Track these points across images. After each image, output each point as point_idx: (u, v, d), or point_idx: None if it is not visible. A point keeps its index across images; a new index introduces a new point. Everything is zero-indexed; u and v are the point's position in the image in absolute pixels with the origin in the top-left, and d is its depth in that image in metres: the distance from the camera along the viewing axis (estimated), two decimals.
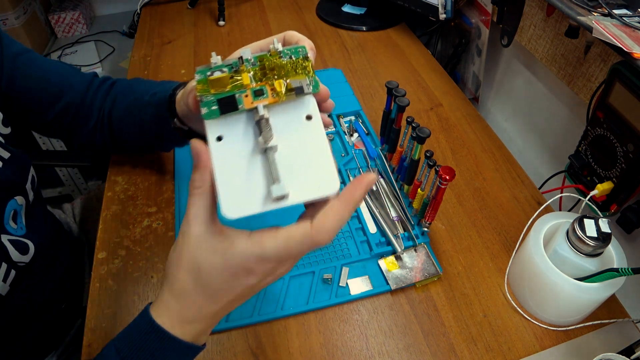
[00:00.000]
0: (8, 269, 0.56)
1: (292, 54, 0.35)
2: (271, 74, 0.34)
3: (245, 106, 0.33)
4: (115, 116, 0.63)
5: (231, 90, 0.33)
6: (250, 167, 0.33)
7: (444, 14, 0.91)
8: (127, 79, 0.67)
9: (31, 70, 0.59)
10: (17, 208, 0.58)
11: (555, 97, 0.77)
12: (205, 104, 0.33)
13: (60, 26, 1.51)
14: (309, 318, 0.54)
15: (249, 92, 0.33)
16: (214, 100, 0.33)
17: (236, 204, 0.32)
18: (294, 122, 0.34)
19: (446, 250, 0.61)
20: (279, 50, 0.35)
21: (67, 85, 0.62)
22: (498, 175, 0.72)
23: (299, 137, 0.34)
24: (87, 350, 0.52)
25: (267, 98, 0.33)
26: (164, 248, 0.61)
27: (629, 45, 0.47)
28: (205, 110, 0.33)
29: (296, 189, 0.32)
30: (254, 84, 0.34)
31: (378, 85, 0.90)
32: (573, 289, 0.48)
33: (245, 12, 1.16)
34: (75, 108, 0.62)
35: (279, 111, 0.34)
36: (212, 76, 0.33)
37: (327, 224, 0.31)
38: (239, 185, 0.33)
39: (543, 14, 0.71)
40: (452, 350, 0.51)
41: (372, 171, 0.69)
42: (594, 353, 0.45)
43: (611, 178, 0.57)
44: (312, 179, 0.33)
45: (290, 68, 0.34)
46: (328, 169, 0.33)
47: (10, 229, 0.57)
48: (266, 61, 0.34)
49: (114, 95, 0.64)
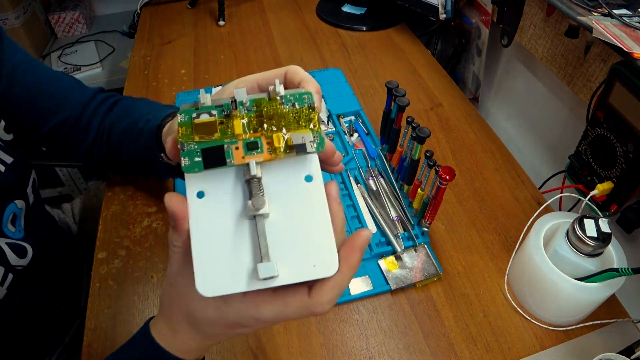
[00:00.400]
0: (5, 273, 0.56)
1: (296, 101, 0.29)
2: (269, 123, 0.28)
3: (235, 162, 0.27)
4: (113, 138, 0.61)
5: (219, 140, 0.28)
6: (234, 235, 0.28)
7: (444, 14, 0.91)
8: (132, 97, 0.65)
9: (30, 83, 0.57)
10: (16, 211, 0.58)
11: (555, 97, 0.77)
12: (187, 153, 0.27)
13: (60, 26, 1.51)
14: (309, 318, 0.54)
15: (241, 144, 0.28)
16: (198, 150, 0.27)
17: (214, 280, 0.27)
18: (291, 183, 0.29)
19: (446, 250, 0.61)
20: (281, 95, 0.29)
21: (65, 100, 0.60)
22: (498, 175, 0.72)
23: (294, 202, 0.28)
24: (87, 351, 0.52)
25: (262, 154, 0.28)
26: (164, 248, 0.61)
27: (629, 45, 0.47)
28: (187, 161, 0.27)
29: (287, 267, 0.27)
30: (247, 134, 0.28)
31: (378, 85, 0.90)
32: (573, 289, 0.48)
33: (245, 12, 1.16)
34: (71, 124, 0.60)
35: (274, 168, 0.29)
36: (198, 119, 0.28)
37: (325, 296, 0.28)
38: (218, 257, 0.27)
39: (543, 14, 0.71)
40: (452, 350, 0.51)
41: (374, 171, 0.68)
42: (594, 353, 0.45)
43: (611, 178, 0.57)
44: (306, 256, 0.28)
45: (292, 119, 0.29)
46: (326, 245, 0.28)
47: (9, 232, 0.57)
48: (264, 107, 0.29)
49: (114, 116, 0.61)
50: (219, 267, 0.27)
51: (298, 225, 0.28)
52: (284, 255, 0.27)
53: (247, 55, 1.00)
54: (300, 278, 0.27)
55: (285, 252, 0.28)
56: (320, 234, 0.28)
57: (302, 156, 0.29)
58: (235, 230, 0.28)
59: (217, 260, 0.27)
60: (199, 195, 0.28)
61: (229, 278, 0.27)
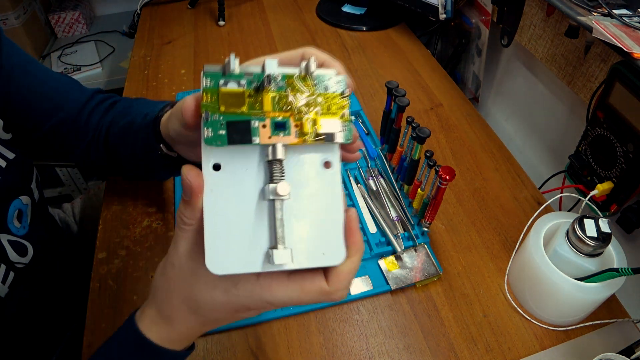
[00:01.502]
0: (7, 271, 0.56)
1: (329, 85, 0.28)
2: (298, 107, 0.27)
3: (261, 141, 0.26)
4: (111, 138, 0.59)
5: (247, 115, 0.26)
6: (250, 214, 0.27)
7: (444, 14, 0.91)
8: (130, 98, 0.64)
9: (28, 84, 0.57)
10: (22, 207, 0.58)
11: (555, 97, 0.77)
12: (211, 124, 0.25)
13: (60, 26, 1.51)
14: (309, 318, 0.54)
15: (268, 123, 0.26)
16: (223, 123, 0.25)
17: (226, 259, 0.26)
18: (310, 168, 0.28)
19: (446, 250, 0.61)
20: (314, 75, 0.28)
21: (63, 101, 0.59)
22: (498, 175, 0.72)
23: (311, 187, 0.28)
24: (87, 351, 0.52)
25: (290, 137, 0.26)
26: (164, 248, 0.61)
27: (629, 45, 0.47)
28: (209, 133, 0.25)
29: (297, 253, 0.27)
30: (276, 112, 0.26)
31: (378, 85, 0.90)
32: (573, 289, 0.48)
33: (245, 12, 1.16)
34: (69, 125, 0.60)
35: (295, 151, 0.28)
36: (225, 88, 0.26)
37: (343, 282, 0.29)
38: (231, 234, 0.26)
39: (543, 14, 0.71)
40: (452, 350, 0.51)
41: (374, 171, 0.68)
42: (594, 353, 0.45)
43: (611, 178, 0.57)
44: (318, 243, 0.27)
45: (324, 104, 0.28)
46: (336, 234, 0.28)
47: (13, 229, 0.57)
48: (296, 84, 0.27)
49: (112, 116, 0.60)
50: (231, 245, 0.26)
51: (312, 212, 0.28)
52: (296, 240, 0.27)
53: (247, 55, 0.99)
54: (309, 264, 0.27)
55: (298, 237, 0.27)
56: (332, 223, 0.28)
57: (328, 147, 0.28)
58: (252, 209, 0.27)
59: (230, 237, 0.26)
60: (215, 167, 0.27)
61: (242, 257, 0.26)
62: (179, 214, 0.29)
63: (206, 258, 0.26)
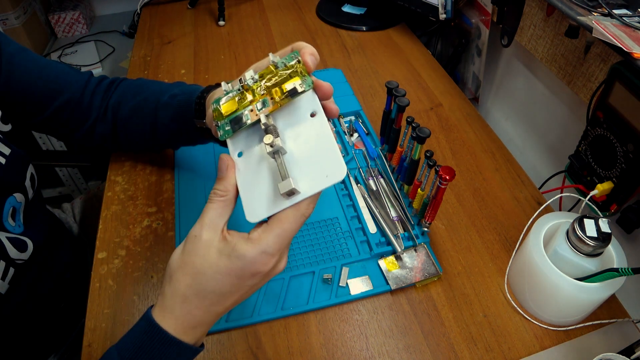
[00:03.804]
0: (6, 267, 0.56)
1: (286, 61, 0.37)
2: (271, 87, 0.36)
3: (251, 120, 0.36)
4: (121, 116, 0.63)
5: (239, 110, 0.37)
6: (265, 175, 0.36)
7: (444, 14, 0.91)
8: (128, 78, 0.67)
9: (29, 68, 0.59)
10: (16, 205, 0.58)
11: (555, 97, 0.77)
12: (220, 127, 0.38)
13: (60, 26, 1.51)
14: (309, 318, 0.54)
15: (254, 107, 0.36)
16: (227, 122, 0.37)
17: (256, 210, 0.35)
18: (300, 121, 0.36)
19: (446, 250, 0.61)
20: (275, 62, 0.37)
21: (65, 82, 0.61)
22: (498, 175, 0.72)
23: (306, 133, 0.36)
24: (87, 351, 0.52)
25: (268, 107, 0.36)
26: (164, 248, 0.61)
27: (629, 45, 0.47)
28: (221, 132, 0.37)
29: (306, 182, 0.34)
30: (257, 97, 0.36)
31: (378, 85, 0.90)
32: (573, 289, 0.48)
33: (245, 12, 1.16)
34: (73, 106, 0.62)
35: (286, 116, 0.36)
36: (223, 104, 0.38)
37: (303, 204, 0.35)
38: (256, 193, 0.35)
39: (543, 14, 0.71)
40: (452, 350, 0.51)
41: (374, 171, 0.69)
42: (594, 353, 0.45)
43: (611, 178, 0.57)
44: (320, 169, 0.34)
45: (286, 75, 0.36)
46: (334, 157, 0.34)
47: (9, 227, 0.57)
48: (266, 75, 0.36)
49: (118, 94, 0.64)
50: (259, 200, 0.35)
51: (310, 149, 0.35)
52: (302, 174, 0.34)
53: (247, 55, 1.00)
54: (318, 188, 0.34)
55: (303, 172, 0.34)
56: (327, 151, 0.34)
57: (305, 99, 0.36)
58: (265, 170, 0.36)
59: (258, 195, 0.35)
60: (239, 155, 0.38)
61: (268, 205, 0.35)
62: (213, 190, 0.36)
63: (245, 213, 0.35)
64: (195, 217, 0.65)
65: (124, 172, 0.72)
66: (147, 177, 0.71)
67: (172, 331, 0.35)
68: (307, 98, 0.36)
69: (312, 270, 0.58)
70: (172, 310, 0.36)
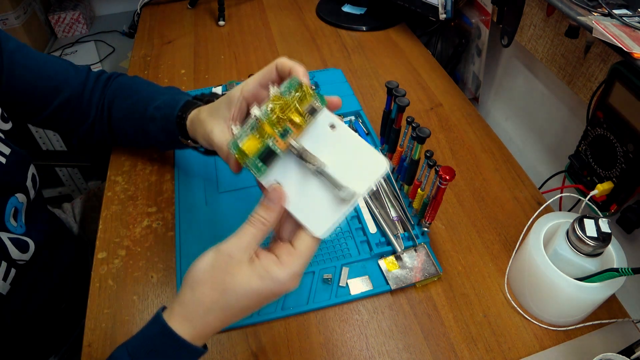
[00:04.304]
0: (8, 268, 0.56)
1: (290, 88, 0.38)
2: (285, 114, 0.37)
3: (282, 148, 0.37)
4: (115, 116, 0.64)
5: (264, 145, 0.37)
6: (314, 190, 0.38)
7: (444, 14, 0.91)
8: (123, 74, 0.68)
9: (30, 66, 0.59)
10: (17, 206, 0.58)
11: (555, 97, 0.77)
12: (252, 166, 0.37)
13: (60, 26, 1.51)
14: (309, 318, 0.54)
15: (277, 137, 0.37)
16: (257, 159, 0.37)
17: (321, 224, 0.37)
18: (324, 136, 0.38)
19: (446, 250, 0.61)
20: (281, 92, 0.38)
21: (64, 80, 0.62)
22: (498, 175, 0.72)
23: (334, 144, 0.38)
24: (87, 350, 0.52)
25: (293, 133, 0.37)
26: (164, 248, 0.61)
27: (629, 45, 0.47)
28: (255, 171, 0.38)
29: (357, 183, 0.36)
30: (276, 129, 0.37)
31: (378, 85, 0.90)
32: (573, 289, 0.48)
33: (245, 12, 1.16)
34: (74, 103, 0.62)
35: (309, 136, 0.38)
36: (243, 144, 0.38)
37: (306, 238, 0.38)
38: (313, 210, 0.37)
39: (543, 14, 0.71)
40: (452, 350, 0.51)
41: None
42: (594, 353, 0.45)
43: (611, 178, 0.57)
44: (363, 168, 0.37)
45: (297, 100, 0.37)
46: (370, 153, 0.37)
47: (11, 227, 0.57)
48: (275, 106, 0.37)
49: (112, 92, 0.64)
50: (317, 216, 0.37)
51: (346, 156, 0.37)
52: (349, 178, 0.36)
53: (247, 55, 1.00)
54: (369, 184, 0.36)
55: (349, 176, 0.37)
56: (362, 151, 0.37)
57: (321, 116, 0.38)
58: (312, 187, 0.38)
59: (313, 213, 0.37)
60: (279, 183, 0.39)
61: (328, 216, 0.37)
62: (258, 216, 0.37)
63: (312, 232, 0.37)
64: (195, 217, 0.65)
65: (124, 172, 0.72)
66: (147, 177, 0.71)
67: (187, 337, 0.36)
68: (323, 115, 0.38)
69: (312, 270, 0.58)
70: (192, 320, 0.36)
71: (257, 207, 0.38)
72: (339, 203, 0.37)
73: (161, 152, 0.75)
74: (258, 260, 0.36)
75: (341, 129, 0.38)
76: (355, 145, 0.37)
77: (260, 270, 0.36)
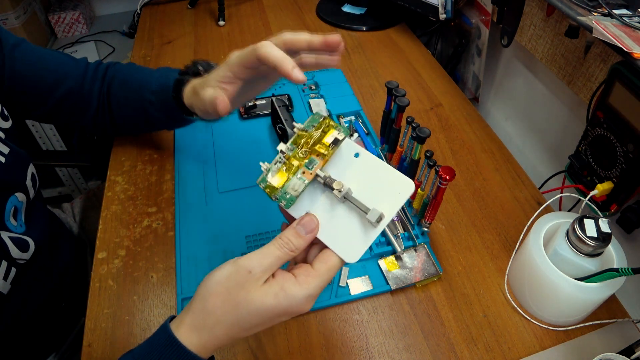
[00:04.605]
0: (8, 267, 0.56)
1: (313, 122, 0.40)
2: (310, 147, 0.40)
3: (308, 179, 0.39)
4: (114, 103, 0.65)
5: (291, 177, 0.39)
6: (342, 217, 0.39)
7: (444, 14, 0.91)
8: (119, 62, 0.69)
9: (29, 60, 0.60)
10: (17, 205, 0.58)
11: (555, 97, 0.77)
12: (281, 198, 0.39)
13: (60, 26, 1.51)
14: (309, 318, 0.54)
15: (304, 168, 0.39)
16: (285, 191, 0.39)
17: (353, 250, 0.38)
18: (349, 164, 0.40)
19: (446, 250, 0.61)
20: (304, 128, 0.40)
21: (65, 72, 0.63)
22: (498, 175, 0.72)
23: (360, 171, 0.39)
24: (87, 351, 0.52)
25: (318, 163, 0.39)
26: (164, 248, 0.61)
27: (629, 45, 0.47)
28: (284, 202, 0.39)
29: (385, 206, 0.37)
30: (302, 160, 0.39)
31: (378, 85, 0.90)
32: (573, 289, 0.48)
33: (245, 12, 1.16)
34: (75, 94, 0.63)
35: (333, 165, 0.40)
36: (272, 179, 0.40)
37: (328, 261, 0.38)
38: (343, 236, 0.38)
39: (543, 14, 0.71)
40: (452, 350, 0.51)
41: None
42: (594, 353, 0.45)
43: (611, 178, 0.57)
44: (390, 191, 0.38)
45: (320, 132, 0.40)
46: (395, 176, 0.38)
47: (11, 226, 0.57)
48: (300, 140, 0.40)
49: (109, 81, 0.66)
50: (348, 242, 0.38)
51: (371, 181, 0.38)
52: (377, 202, 0.37)
53: None
54: (396, 206, 0.37)
55: (377, 199, 0.38)
56: (386, 175, 0.38)
57: (344, 145, 0.40)
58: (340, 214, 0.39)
59: (344, 239, 0.38)
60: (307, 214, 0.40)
61: (358, 241, 0.38)
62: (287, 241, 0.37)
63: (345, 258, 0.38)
64: (195, 217, 0.65)
65: (124, 172, 0.72)
66: (147, 177, 0.71)
67: (193, 348, 0.36)
68: (345, 144, 0.40)
69: None
70: (200, 330, 0.36)
71: (287, 232, 0.37)
72: (368, 227, 0.38)
73: (161, 152, 0.75)
74: (273, 279, 0.36)
75: (364, 156, 0.39)
76: (379, 170, 0.39)
77: (275, 288, 0.35)
